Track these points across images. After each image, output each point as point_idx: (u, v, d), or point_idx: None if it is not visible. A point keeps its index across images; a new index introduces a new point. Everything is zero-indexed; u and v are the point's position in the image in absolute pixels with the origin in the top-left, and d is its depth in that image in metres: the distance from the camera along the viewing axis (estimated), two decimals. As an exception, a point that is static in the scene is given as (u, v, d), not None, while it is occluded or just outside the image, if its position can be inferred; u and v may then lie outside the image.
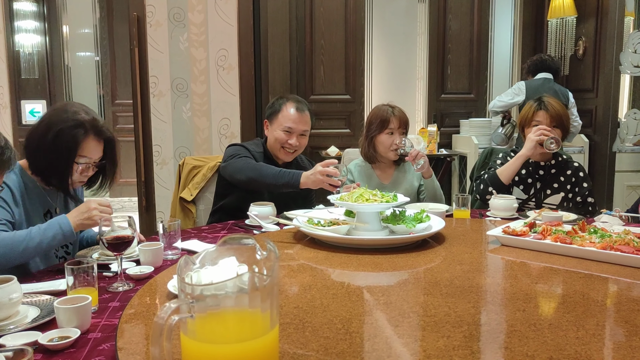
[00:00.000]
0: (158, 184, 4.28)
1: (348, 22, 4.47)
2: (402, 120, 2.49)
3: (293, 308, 1.16)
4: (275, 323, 0.77)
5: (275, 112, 2.39)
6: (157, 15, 4.13)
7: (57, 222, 1.54)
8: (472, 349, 0.94)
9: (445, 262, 1.52)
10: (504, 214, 2.17)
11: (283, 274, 1.42)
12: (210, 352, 0.73)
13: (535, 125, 2.38)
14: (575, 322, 1.05)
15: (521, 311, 1.12)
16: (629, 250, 1.46)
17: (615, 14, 4.07)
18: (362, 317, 1.12)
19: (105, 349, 1.02)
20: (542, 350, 0.92)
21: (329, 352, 0.95)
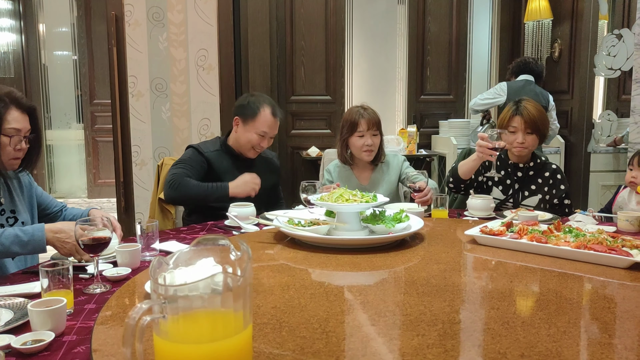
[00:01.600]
0: (137, 184, 4.24)
1: (328, 23, 4.49)
2: (371, 122, 2.47)
3: (270, 308, 1.17)
4: (248, 322, 0.77)
5: (252, 115, 2.39)
6: (135, 15, 4.09)
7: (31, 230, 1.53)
8: (445, 347, 0.96)
9: (423, 262, 1.53)
10: (481, 214, 2.20)
11: (262, 275, 1.42)
12: (184, 353, 0.73)
13: (512, 131, 2.40)
14: (547, 319, 1.07)
15: (495, 309, 1.14)
16: (601, 249, 1.49)
17: (590, 17, 4.15)
18: (339, 317, 1.12)
19: (81, 352, 1.01)
20: (514, 348, 0.94)
21: (305, 351, 0.95)
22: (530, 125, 2.37)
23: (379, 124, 2.52)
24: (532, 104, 2.43)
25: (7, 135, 1.64)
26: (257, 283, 1.35)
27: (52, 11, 6.33)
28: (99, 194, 6.46)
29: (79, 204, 6.30)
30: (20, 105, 1.69)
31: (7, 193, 1.77)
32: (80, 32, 6.24)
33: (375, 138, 2.50)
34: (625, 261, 1.43)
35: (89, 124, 6.35)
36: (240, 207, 2.09)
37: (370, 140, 2.47)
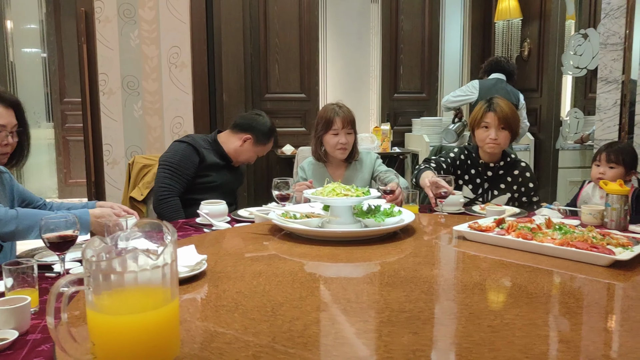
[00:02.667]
0: (109, 183, 4.19)
1: (302, 20, 4.49)
2: (345, 120, 2.50)
3: (234, 293, 1.21)
4: (175, 295, 0.85)
5: (266, 141, 2.63)
6: (106, 11, 4.04)
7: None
8: (381, 332, 0.99)
9: (402, 255, 1.55)
10: (450, 209, 2.23)
11: (242, 263, 1.46)
12: (116, 323, 0.80)
13: (485, 126, 2.44)
14: (496, 312, 1.10)
15: (450, 300, 1.17)
16: (583, 247, 1.47)
17: (557, 17, 4.25)
18: (294, 302, 1.15)
19: (45, 350, 1.00)
20: (449, 336, 0.97)
21: (248, 331, 0.99)
22: (503, 121, 2.41)
23: (354, 123, 2.55)
24: (504, 101, 2.47)
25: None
26: (233, 270, 1.39)
27: (20, 7, 6.18)
28: (70, 194, 6.35)
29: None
30: (3, 100, 1.69)
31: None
32: (50, 29, 6.12)
33: (350, 136, 2.52)
34: (605, 259, 1.41)
35: (59, 122, 6.23)
36: (211, 205, 2.09)
37: (345, 138, 2.49)
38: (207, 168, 2.51)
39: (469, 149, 2.58)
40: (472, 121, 2.52)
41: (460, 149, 2.58)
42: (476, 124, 2.47)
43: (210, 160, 2.52)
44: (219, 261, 1.47)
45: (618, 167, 2.31)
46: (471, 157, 2.55)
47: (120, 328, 0.80)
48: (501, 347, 0.91)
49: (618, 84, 3.39)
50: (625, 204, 1.93)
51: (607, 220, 1.95)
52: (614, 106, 3.42)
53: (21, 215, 1.57)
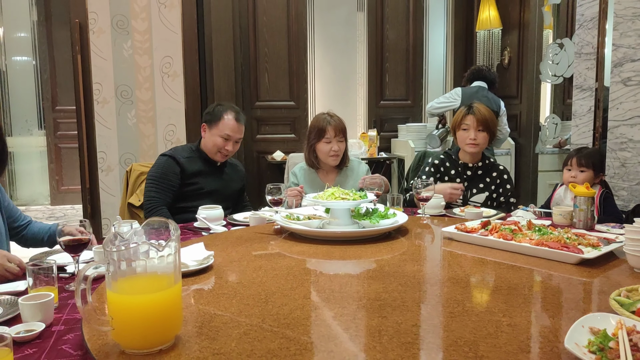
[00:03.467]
0: (103, 190, 4.28)
1: (291, 30, 4.64)
2: (337, 129, 2.64)
3: (235, 283, 1.38)
4: (178, 280, 1.02)
5: (216, 119, 2.58)
6: (99, 22, 4.15)
7: None
8: (355, 316, 1.15)
9: (391, 253, 1.69)
10: (432, 212, 2.38)
11: (247, 259, 1.62)
12: (129, 301, 0.97)
13: (465, 128, 2.62)
14: (458, 301, 1.23)
15: (422, 291, 1.32)
16: (555, 246, 1.61)
17: (535, 27, 4.45)
18: (286, 292, 1.31)
19: (70, 339, 1.13)
20: (410, 320, 1.11)
21: (241, 314, 1.16)
22: (482, 122, 2.60)
23: (345, 131, 2.70)
24: (483, 106, 2.69)
25: None
26: (237, 265, 1.55)
27: (11, 16, 6.26)
28: (63, 201, 6.42)
29: (42, 211, 6.24)
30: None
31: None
32: (41, 37, 6.20)
33: (341, 144, 2.67)
34: (574, 257, 1.53)
35: (51, 130, 6.30)
36: (208, 210, 2.22)
37: (337, 146, 2.64)
38: (192, 176, 2.56)
39: (449, 152, 2.78)
40: (453, 124, 2.72)
41: (437, 156, 2.78)
42: (457, 126, 2.67)
43: (193, 168, 2.57)
44: (226, 256, 1.63)
45: (588, 171, 2.48)
46: (451, 159, 2.73)
47: (133, 305, 0.97)
48: (456, 329, 1.07)
49: (592, 91, 3.57)
50: (592, 205, 2.09)
51: (575, 220, 2.11)
52: (588, 112, 3.60)
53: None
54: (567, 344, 0.88)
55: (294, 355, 0.94)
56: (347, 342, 1.01)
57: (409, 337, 1.02)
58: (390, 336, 1.02)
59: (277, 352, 0.95)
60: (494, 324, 1.08)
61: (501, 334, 1.03)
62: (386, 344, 0.98)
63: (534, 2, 4.46)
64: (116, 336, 0.97)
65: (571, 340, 0.90)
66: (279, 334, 1.04)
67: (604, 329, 0.94)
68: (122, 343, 0.97)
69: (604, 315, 0.99)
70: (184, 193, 2.55)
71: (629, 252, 1.49)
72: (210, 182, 2.62)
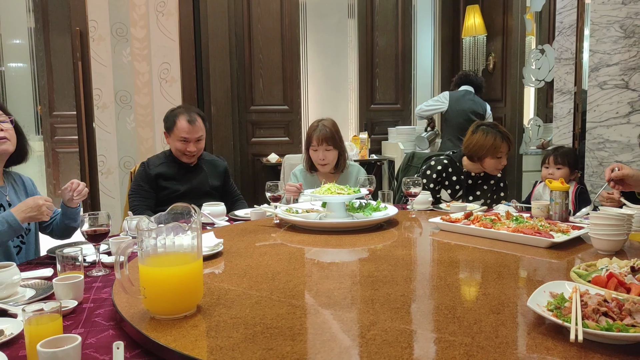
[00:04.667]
0: (103, 192, 4.41)
1: (284, 37, 4.81)
2: (320, 138, 2.70)
3: (244, 265, 1.55)
4: (200, 256, 1.18)
5: (171, 125, 2.69)
6: (99, 30, 4.29)
7: (4, 218, 1.75)
8: (350, 289, 1.34)
9: (382, 242, 1.86)
10: (420, 207, 2.55)
11: (254, 247, 1.80)
12: (159, 273, 1.14)
13: (499, 156, 2.70)
14: (441, 276, 1.41)
15: (410, 270, 1.49)
16: (529, 232, 1.79)
17: (518, 34, 4.66)
18: (289, 271, 1.49)
19: (101, 313, 1.28)
20: (399, 292, 1.27)
21: (252, 288, 1.33)
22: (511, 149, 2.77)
23: (333, 139, 2.71)
24: None
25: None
26: (244, 251, 1.72)
27: (9, 22, 6.38)
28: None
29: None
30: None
31: (15, 195, 1.99)
32: (38, 44, 6.32)
33: (329, 153, 2.71)
34: (545, 242, 1.71)
35: (48, 135, 6.41)
36: (211, 207, 2.38)
37: (323, 154, 2.71)
38: (166, 179, 2.67)
39: (453, 158, 2.87)
40: (481, 148, 2.71)
41: (441, 161, 2.85)
42: (491, 152, 2.70)
43: (166, 174, 2.67)
44: (233, 245, 1.79)
45: (564, 168, 2.67)
46: (454, 165, 2.85)
47: (161, 277, 1.13)
48: (438, 297, 1.25)
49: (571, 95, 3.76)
50: (566, 198, 2.27)
51: (552, 212, 2.29)
52: (568, 114, 3.79)
53: None
54: (530, 304, 1.05)
55: (300, 318, 1.11)
56: (345, 308, 1.18)
57: (398, 304, 1.18)
58: (381, 303, 1.19)
59: (285, 315, 1.12)
60: (471, 294, 1.25)
61: (476, 301, 1.20)
62: (378, 309, 1.15)
63: (517, 9, 4.67)
64: (147, 304, 1.12)
65: (533, 302, 1.07)
66: (285, 303, 1.21)
67: (561, 292, 1.11)
68: (152, 310, 1.13)
69: (562, 283, 1.17)
70: (159, 198, 2.66)
71: (593, 236, 1.67)
72: (183, 183, 2.70)
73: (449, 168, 2.83)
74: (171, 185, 2.68)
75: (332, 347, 0.97)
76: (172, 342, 0.99)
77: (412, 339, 1.00)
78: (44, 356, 0.93)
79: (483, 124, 2.80)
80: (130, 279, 1.11)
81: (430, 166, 2.86)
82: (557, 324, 1.00)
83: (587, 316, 0.99)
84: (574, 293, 1.06)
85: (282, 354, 0.94)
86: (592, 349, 0.93)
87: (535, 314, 1.05)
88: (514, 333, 1.03)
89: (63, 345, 0.94)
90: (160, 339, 1.01)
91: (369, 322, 1.08)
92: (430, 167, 2.85)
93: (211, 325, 1.08)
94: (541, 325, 1.04)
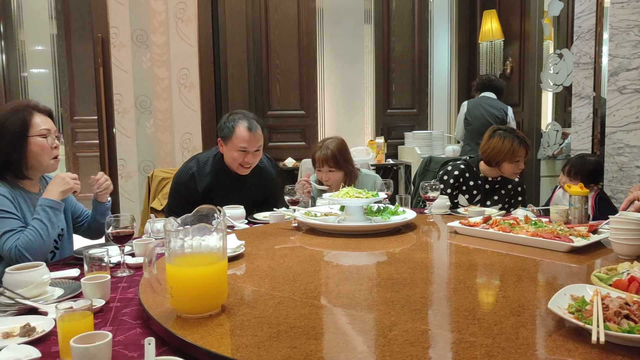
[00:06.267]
0: (123, 196, 4.48)
1: (301, 43, 4.86)
2: (321, 160, 2.66)
3: (266, 267, 1.59)
4: (225, 257, 1.22)
5: (229, 134, 2.44)
6: (120, 37, 4.37)
7: (42, 206, 1.79)
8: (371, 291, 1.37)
9: (401, 245, 1.88)
10: (438, 211, 2.56)
11: (274, 249, 1.83)
12: (185, 272, 1.17)
13: (517, 160, 2.69)
14: (460, 279, 1.41)
15: (429, 273, 1.51)
16: (548, 237, 1.79)
17: (535, 38, 4.64)
18: (309, 272, 1.53)
19: (127, 312, 1.32)
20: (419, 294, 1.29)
21: (274, 289, 1.37)
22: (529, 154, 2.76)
23: (335, 160, 2.64)
24: None
25: (41, 136, 1.86)
26: (265, 253, 1.76)
27: (32, 30, 6.52)
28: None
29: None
30: (40, 109, 1.91)
31: None
32: (60, 50, 6.46)
33: (332, 174, 2.66)
34: (565, 246, 1.71)
35: (69, 139, 6.53)
36: (232, 209, 2.41)
37: (326, 175, 2.69)
38: (210, 195, 2.49)
39: (470, 163, 2.87)
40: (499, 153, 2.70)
41: (458, 166, 2.85)
42: (509, 157, 2.69)
43: (212, 186, 2.50)
44: (254, 247, 1.82)
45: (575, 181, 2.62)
46: (471, 170, 2.84)
47: (188, 276, 1.17)
48: (457, 299, 1.26)
49: (590, 99, 3.74)
50: (586, 203, 2.26)
51: (570, 217, 2.28)
52: (587, 119, 3.77)
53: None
54: (551, 306, 1.06)
55: (322, 318, 1.13)
56: (366, 309, 1.20)
57: (418, 306, 1.20)
58: (402, 305, 1.20)
59: (308, 315, 1.14)
60: (490, 296, 1.26)
61: (496, 303, 1.21)
62: (399, 310, 1.17)
63: (534, 14, 4.66)
64: (174, 303, 1.16)
65: (554, 304, 1.08)
66: (308, 303, 1.23)
67: (582, 295, 1.11)
68: (178, 308, 1.16)
69: (583, 286, 1.17)
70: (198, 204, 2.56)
71: (614, 241, 1.66)
72: (227, 198, 2.49)
73: (466, 173, 2.83)
74: (214, 199, 2.44)
75: (355, 346, 0.99)
76: (199, 340, 1.02)
77: (433, 340, 1.02)
78: (77, 351, 0.96)
79: (500, 129, 2.79)
80: (158, 279, 1.15)
81: (447, 171, 2.85)
82: (578, 326, 1.01)
83: (609, 319, 0.99)
84: (595, 296, 1.07)
85: (306, 352, 0.96)
86: (613, 351, 0.94)
87: (555, 316, 1.06)
88: (535, 335, 1.04)
89: (95, 341, 0.98)
90: (187, 337, 1.04)
91: (390, 322, 1.10)
92: (447, 172, 2.84)
93: (236, 324, 1.11)
94: (562, 328, 1.05)
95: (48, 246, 1.79)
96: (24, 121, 1.85)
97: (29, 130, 1.86)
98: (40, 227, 1.75)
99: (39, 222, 1.76)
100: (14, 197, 1.84)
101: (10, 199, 1.81)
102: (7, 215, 1.77)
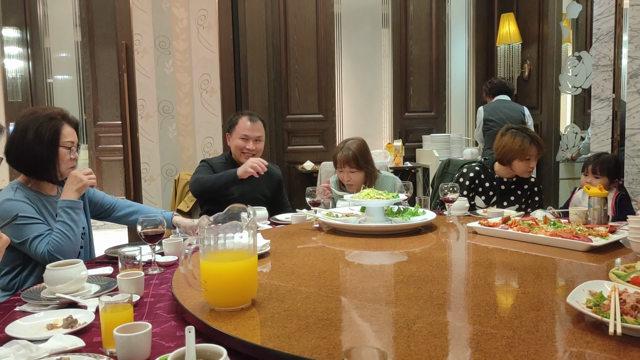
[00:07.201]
0: (146, 199, 4.59)
1: (319, 48, 4.93)
2: (342, 161, 2.73)
3: (291, 264, 1.64)
4: (255, 253, 1.28)
5: (233, 125, 2.81)
6: (144, 43, 4.49)
7: (63, 208, 1.87)
8: (394, 287, 1.42)
9: (421, 245, 1.92)
10: (457, 213, 2.60)
11: (298, 249, 1.89)
12: (219, 268, 1.23)
13: (528, 158, 2.71)
14: (481, 277, 1.46)
15: (449, 270, 1.56)
16: (567, 236, 1.82)
17: (554, 41, 4.64)
18: (333, 270, 1.58)
19: (161, 307, 1.38)
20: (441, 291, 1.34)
21: (301, 285, 1.43)
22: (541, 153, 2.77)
23: (356, 161, 2.70)
24: None
25: (65, 148, 1.95)
26: (289, 252, 1.82)
27: (57, 37, 6.71)
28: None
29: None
30: (70, 121, 2.00)
31: None
32: (84, 57, 6.62)
33: (353, 174, 2.73)
34: (583, 245, 1.74)
35: (93, 144, 6.69)
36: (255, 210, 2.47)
37: (347, 176, 2.75)
38: None
39: (485, 164, 2.90)
40: (509, 152, 2.73)
41: (473, 168, 2.88)
42: (519, 155, 2.71)
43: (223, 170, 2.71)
44: (278, 247, 1.88)
45: (602, 177, 2.66)
46: (487, 172, 2.87)
47: (221, 271, 1.23)
48: (478, 295, 1.30)
49: (609, 102, 3.74)
50: (605, 205, 2.28)
51: (590, 219, 2.29)
52: (606, 121, 3.77)
53: None
54: (569, 300, 1.10)
55: (349, 312, 1.18)
56: (390, 303, 1.26)
57: (440, 301, 1.25)
58: (424, 300, 1.25)
59: (335, 309, 1.20)
60: (510, 292, 1.30)
61: (516, 299, 1.26)
62: (422, 304, 1.22)
63: (553, 17, 4.66)
64: (207, 296, 1.22)
65: (573, 299, 1.12)
66: (334, 298, 1.29)
67: (600, 291, 1.15)
68: (211, 302, 1.22)
69: (601, 282, 1.21)
70: (219, 197, 2.66)
71: (632, 240, 1.69)
72: (239, 188, 2.71)
73: (481, 175, 2.86)
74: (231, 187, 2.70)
75: (381, 337, 1.04)
76: (232, 331, 1.08)
77: (455, 332, 1.07)
78: (120, 340, 1.03)
79: (512, 127, 2.84)
80: (193, 274, 1.21)
81: (462, 174, 2.89)
82: (596, 319, 1.04)
83: (626, 312, 1.03)
84: (613, 291, 1.11)
85: (335, 342, 1.01)
86: (630, 343, 0.98)
87: (574, 310, 1.10)
88: (554, 328, 1.08)
89: (136, 331, 1.04)
90: (222, 328, 1.10)
91: (414, 316, 1.15)
92: (463, 175, 2.88)
93: (266, 317, 1.17)
94: (580, 322, 1.09)
95: (76, 244, 1.87)
96: (56, 130, 1.93)
97: (59, 140, 1.94)
98: (65, 228, 1.83)
99: (63, 224, 1.84)
100: (33, 201, 1.90)
101: (30, 204, 1.87)
102: (32, 221, 1.83)
